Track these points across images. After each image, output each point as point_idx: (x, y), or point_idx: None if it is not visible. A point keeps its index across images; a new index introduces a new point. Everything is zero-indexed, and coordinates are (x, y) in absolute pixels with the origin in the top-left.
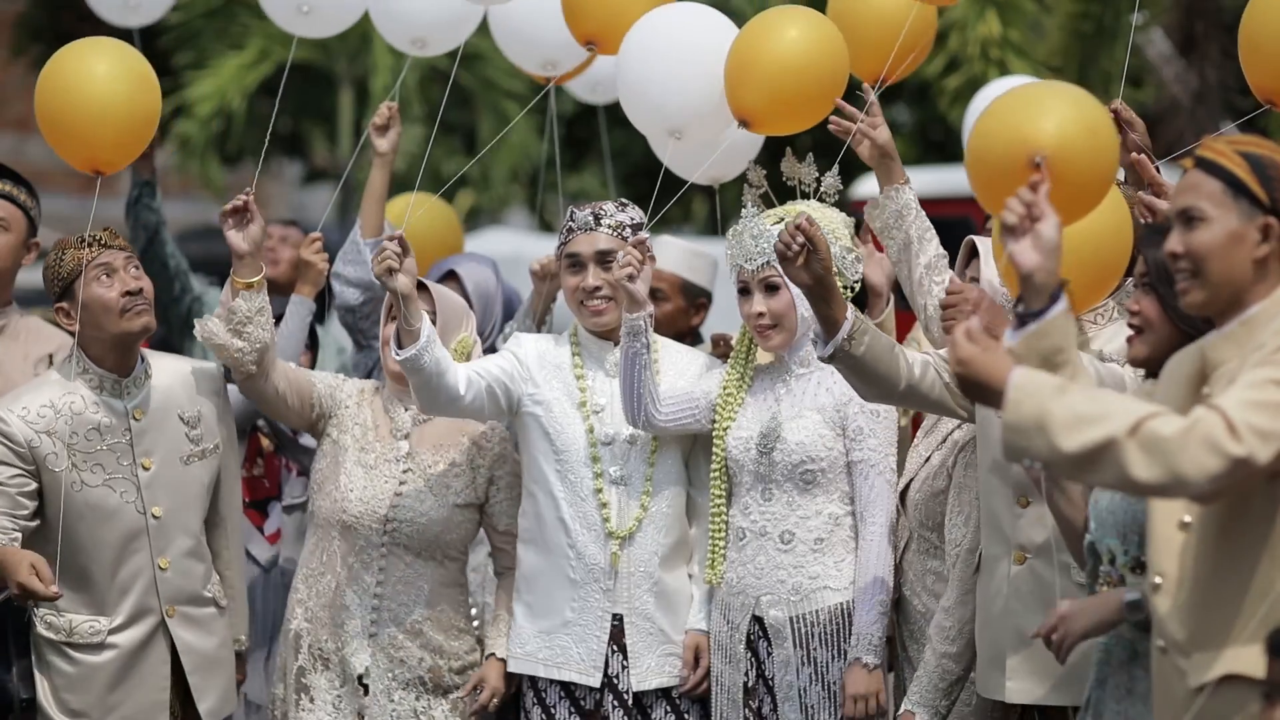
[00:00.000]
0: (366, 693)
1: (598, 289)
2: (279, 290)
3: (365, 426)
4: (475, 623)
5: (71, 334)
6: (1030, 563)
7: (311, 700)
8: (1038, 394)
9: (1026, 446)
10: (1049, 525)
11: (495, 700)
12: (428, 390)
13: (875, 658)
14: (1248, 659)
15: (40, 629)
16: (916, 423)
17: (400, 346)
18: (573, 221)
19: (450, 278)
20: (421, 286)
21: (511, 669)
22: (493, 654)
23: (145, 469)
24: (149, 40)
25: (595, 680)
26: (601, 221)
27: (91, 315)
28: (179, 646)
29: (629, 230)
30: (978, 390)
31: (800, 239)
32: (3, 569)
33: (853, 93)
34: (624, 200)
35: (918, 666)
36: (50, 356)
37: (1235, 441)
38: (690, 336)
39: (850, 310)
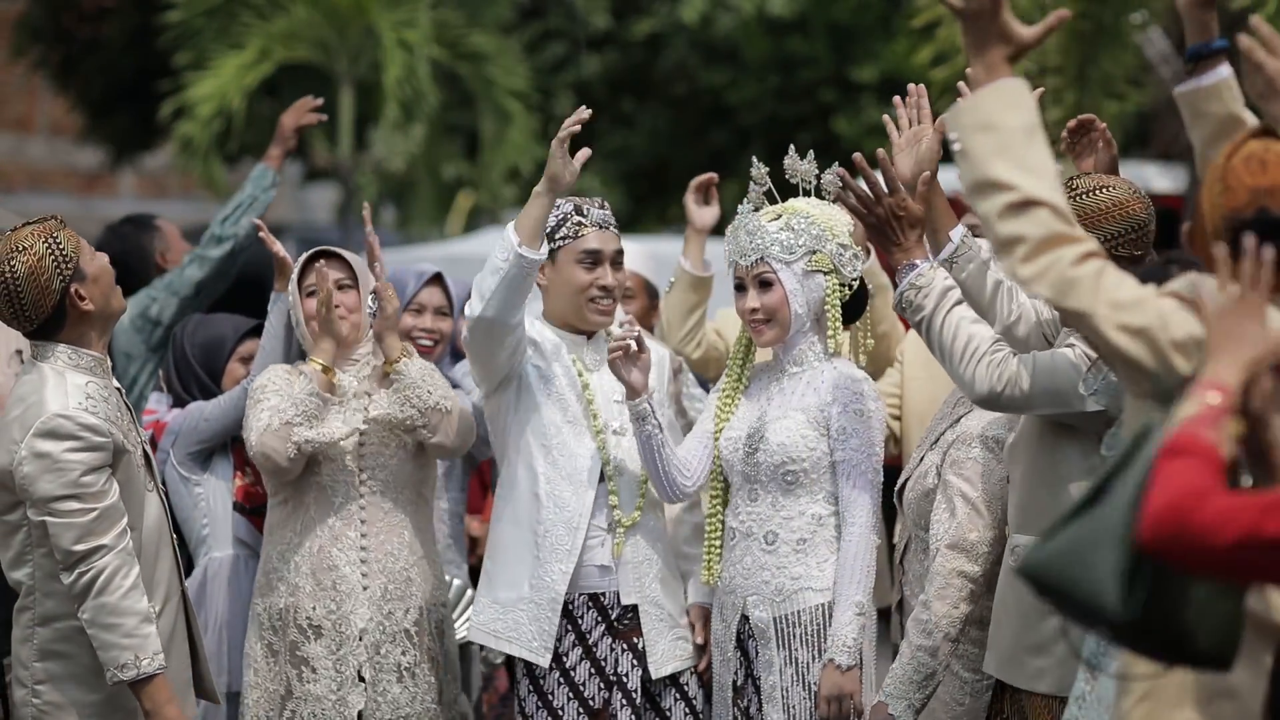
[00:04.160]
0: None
1: (612, 289)
2: None
3: None
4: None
5: (87, 314)
6: (1011, 538)
7: (314, 671)
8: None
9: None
10: (1020, 509)
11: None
12: (520, 293)
13: (849, 658)
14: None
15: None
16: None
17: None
18: (583, 216)
19: (436, 280)
20: (336, 255)
21: (462, 635)
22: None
23: (141, 443)
24: (149, 40)
25: (545, 660)
26: (610, 224)
27: (102, 288)
28: (190, 624)
29: (614, 227)
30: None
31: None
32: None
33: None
34: (599, 198)
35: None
36: (19, 352)
37: None
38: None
39: (958, 232)
